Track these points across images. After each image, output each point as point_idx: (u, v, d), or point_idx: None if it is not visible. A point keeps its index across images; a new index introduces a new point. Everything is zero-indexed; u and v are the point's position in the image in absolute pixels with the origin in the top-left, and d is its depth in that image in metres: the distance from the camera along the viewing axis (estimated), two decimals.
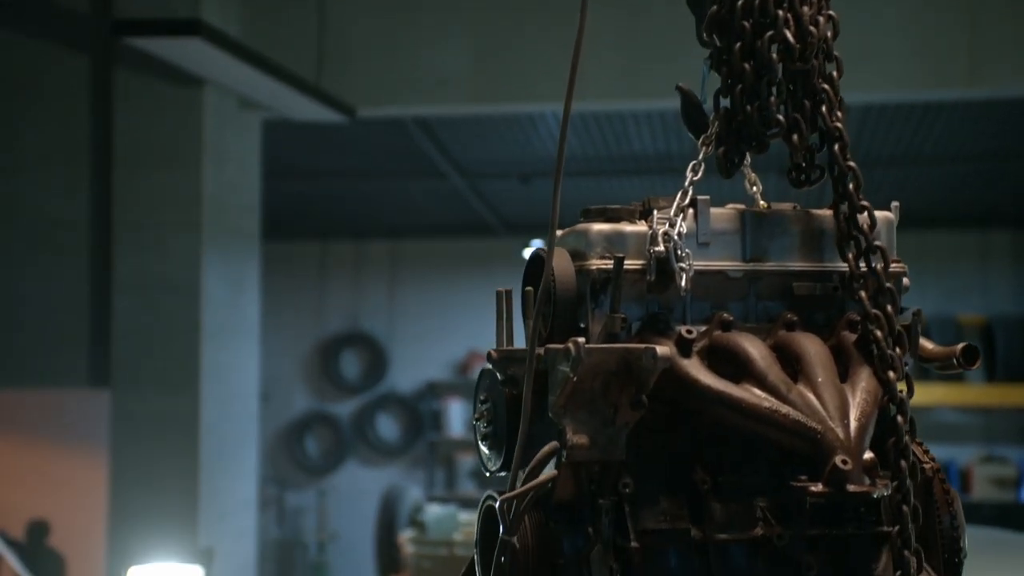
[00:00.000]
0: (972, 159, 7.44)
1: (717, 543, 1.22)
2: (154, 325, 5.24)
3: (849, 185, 1.22)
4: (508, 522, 1.17)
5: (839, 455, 1.14)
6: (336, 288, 11.29)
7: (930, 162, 7.31)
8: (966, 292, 9.35)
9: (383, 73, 5.64)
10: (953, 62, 5.12)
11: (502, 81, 5.69)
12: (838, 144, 1.22)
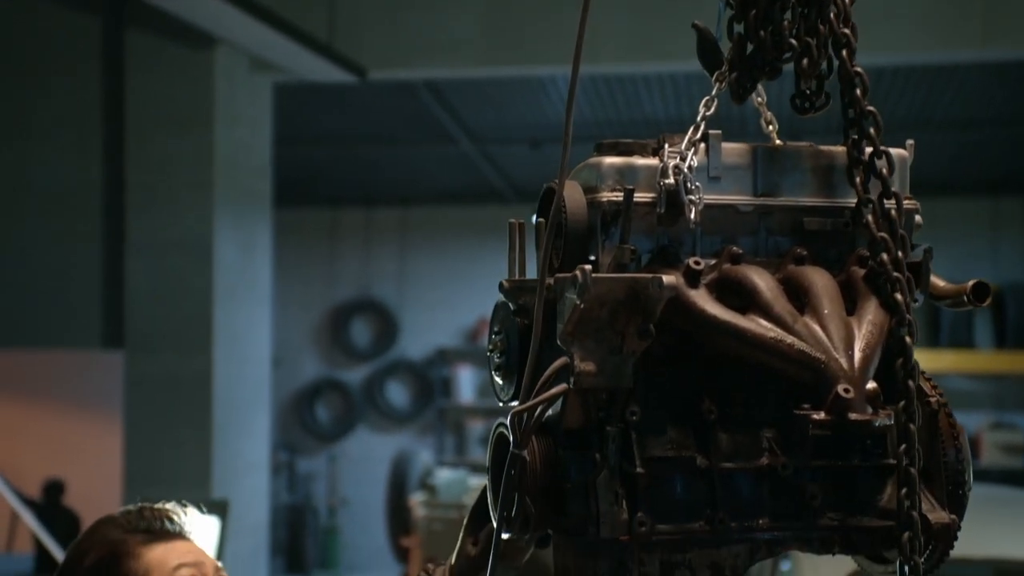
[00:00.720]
0: (984, 124, 7.40)
1: (722, 472, 1.24)
2: (167, 287, 5.28)
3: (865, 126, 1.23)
4: (518, 435, 1.18)
5: (842, 384, 1.15)
6: (346, 255, 11.31)
7: (941, 127, 7.27)
8: (976, 260, 9.33)
9: (394, 35, 5.63)
10: (966, 22, 5.08)
11: (513, 44, 5.68)
12: (858, 87, 1.23)
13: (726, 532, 1.23)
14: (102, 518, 1.54)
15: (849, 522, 1.25)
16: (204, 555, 1.53)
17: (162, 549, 1.50)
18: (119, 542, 1.49)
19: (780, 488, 1.25)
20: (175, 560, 1.49)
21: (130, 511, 1.53)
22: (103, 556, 1.48)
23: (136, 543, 1.49)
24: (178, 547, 1.51)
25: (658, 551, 1.23)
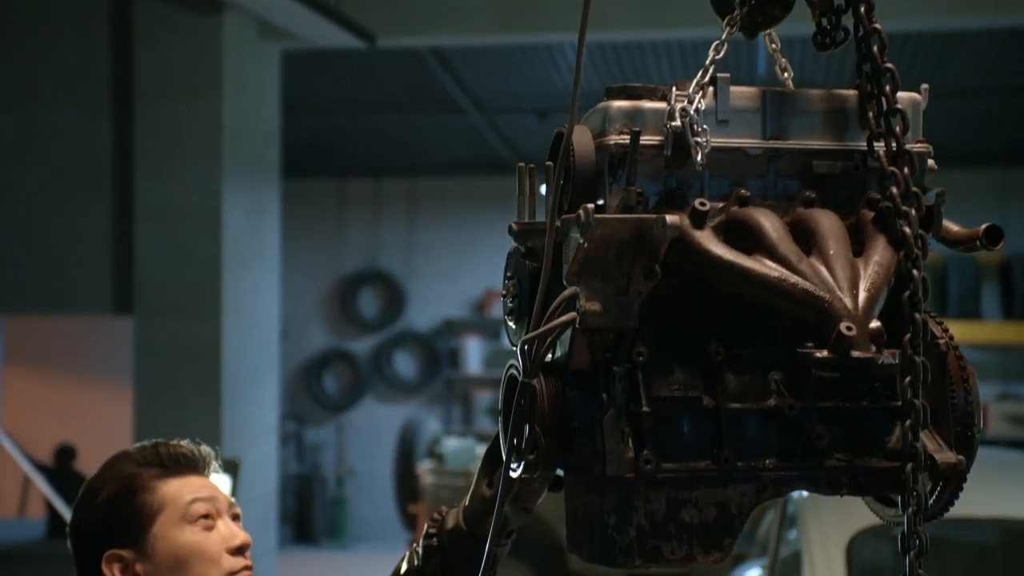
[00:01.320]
0: (993, 93, 7.36)
1: (729, 412, 1.25)
2: (175, 253, 5.30)
3: (873, 47, 1.23)
4: (528, 364, 1.19)
5: (845, 322, 1.15)
6: (354, 226, 11.32)
7: (950, 96, 7.23)
8: None
9: (403, 1, 5.62)
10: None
11: (521, 11, 5.66)
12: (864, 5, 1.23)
13: (732, 471, 1.24)
14: (117, 454, 1.56)
15: (856, 463, 1.26)
16: (218, 491, 1.54)
17: (177, 484, 1.51)
18: (134, 476, 1.50)
19: (787, 429, 1.26)
20: (189, 495, 1.50)
21: (145, 447, 1.55)
22: (118, 490, 1.49)
23: (151, 477, 1.50)
24: (192, 482, 1.52)
25: (664, 489, 1.24)
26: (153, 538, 1.47)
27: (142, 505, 1.48)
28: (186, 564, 1.46)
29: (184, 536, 1.48)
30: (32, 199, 5.55)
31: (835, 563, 3.23)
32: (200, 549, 1.47)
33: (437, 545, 1.53)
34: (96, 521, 1.49)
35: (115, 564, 1.47)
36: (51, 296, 5.57)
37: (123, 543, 1.47)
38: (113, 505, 1.48)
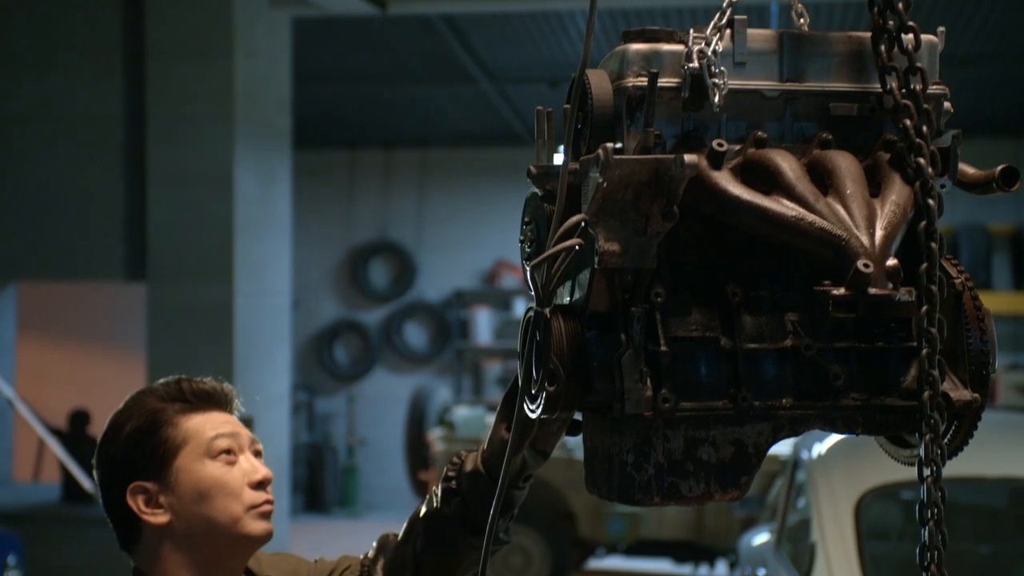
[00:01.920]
0: (1008, 59, 7.31)
1: (746, 352, 1.26)
2: (188, 219, 5.31)
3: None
4: (540, 291, 1.18)
5: (862, 260, 1.16)
6: (365, 197, 11.33)
7: (964, 63, 7.19)
8: (996, 201, 9.26)
9: None
10: None
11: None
12: None
13: (749, 410, 1.25)
14: (141, 389, 1.57)
15: (872, 402, 1.27)
16: (240, 426, 1.56)
17: (199, 419, 1.52)
18: (158, 411, 1.51)
19: (804, 369, 1.27)
20: (212, 430, 1.51)
21: (169, 382, 1.56)
22: (141, 424, 1.50)
23: (174, 412, 1.52)
24: (215, 418, 1.54)
25: (682, 428, 1.25)
26: (176, 471, 1.49)
27: (165, 439, 1.49)
28: (208, 497, 1.48)
29: (206, 470, 1.49)
30: (44, 164, 5.57)
31: (844, 522, 3.26)
32: (222, 482, 1.49)
33: (456, 487, 1.55)
34: (120, 454, 1.50)
35: (139, 496, 1.48)
36: (64, 262, 5.60)
37: (147, 476, 1.49)
38: (137, 439, 1.49)
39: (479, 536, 1.56)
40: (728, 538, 6.58)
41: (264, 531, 1.51)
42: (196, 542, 1.48)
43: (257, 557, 1.62)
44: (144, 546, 1.51)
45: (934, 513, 1.14)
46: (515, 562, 7.01)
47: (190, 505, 1.48)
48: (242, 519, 1.49)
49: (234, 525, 1.48)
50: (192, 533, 1.48)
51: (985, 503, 3.81)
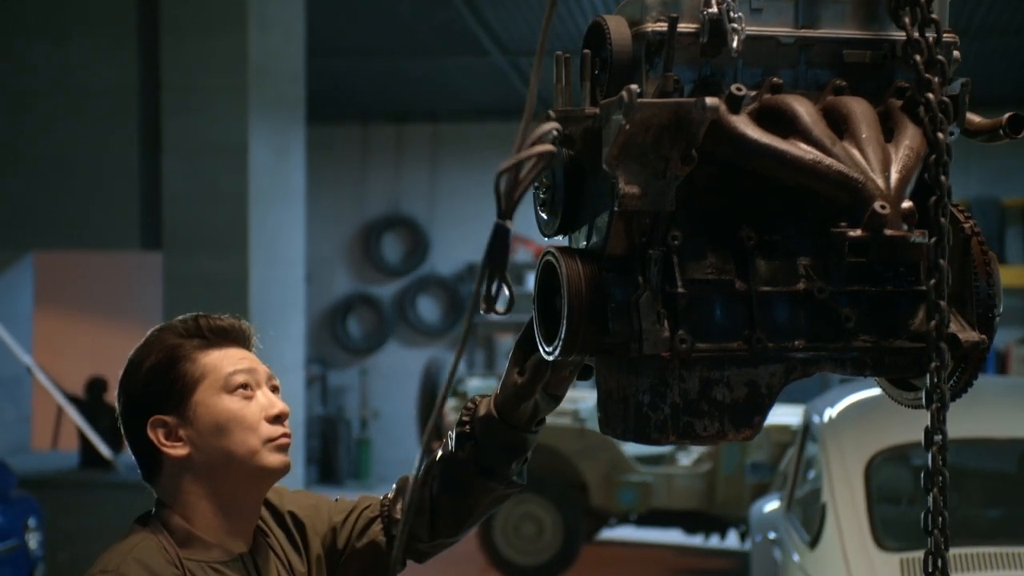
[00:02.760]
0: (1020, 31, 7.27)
1: (760, 295, 1.28)
2: (203, 189, 5.35)
3: None
4: (502, 201, 1.13)
5: (878, 201, 1.18)
6: (377, 171, 11.35)
7: (977, 35, 7.15)
8: (1010, 175, 9.24)
9: None
10: None
11: None
12: None
13: (763, 352, 1.28)
14: (160, 326, 1.59)
15: (881, 344, 1.30)
16: (257, 362, 1.58)
17: (217, 355, 1.54)
18: (176, 346, 1.53)
19: (816, 311, 1.29)
20: (230, 366, 1.53)
21: (187, 319, 1.58)
22: (161, 360, 1.52)
23: (192, 348, 1.53)
24: (232, 354, 1.56)
25: (697, 368, 1.28)
26: (195, 405, 1.51)
27: (184, 374, 1.51)
28: (226, 430, 1.51)
29: (224, 404, 1.51)
30: (61, 135, 5.60)
31: (854, 484, 3.29)
32: (240, 416, 1.51)
33: (469, 432, 1.58)
34: (140, 389, 1.52)
35: (159, 429, 1.51)
36: (80, 232, 5.64)
37: (167, 409, 1.51)
38: (156, 374, 1.52)
39: (493, 479, 1.59)
40: (739, 508, 6.62)
41: (281, 463, 1.54)
42: (215, 474, 1.51)
43: (279, 492, 1.65)
44: (165, 478, 1.54)
45: (939, 440, 1.16)
46: (527, 531, 7.06)
47: (209, 438, 1.51)
48: (260, 452, 1.51)
49: (252, 458, 1.51)
50: (211, 465, 1.51)
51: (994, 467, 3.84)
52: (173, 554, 1.47)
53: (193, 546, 1.50)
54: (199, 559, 1.49)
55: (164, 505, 1.54)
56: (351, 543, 1.66)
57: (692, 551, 7.85)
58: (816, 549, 3.37)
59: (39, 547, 4.66)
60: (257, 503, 1.57)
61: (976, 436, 3.39)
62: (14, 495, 4.70)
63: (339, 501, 1.73)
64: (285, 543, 1.61)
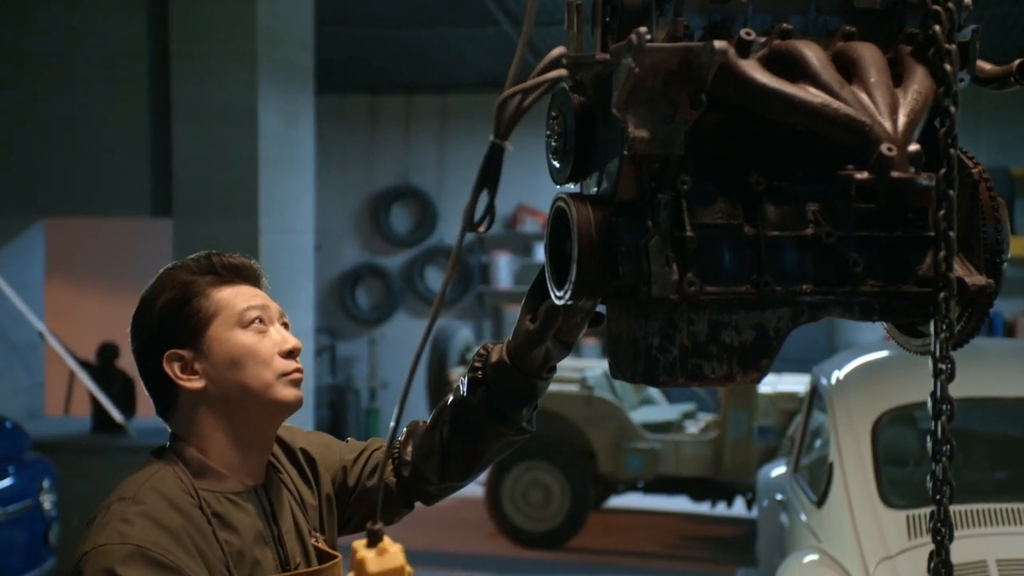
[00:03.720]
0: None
1: (769, 239, 1.29)
2: (212, 155, 5.36)
3: None
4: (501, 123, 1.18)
5: (885, 144, 1.19)
6: (386, 142, 11.34)
7: (989, 2, 7.11)
8: (1020, 144, 9.20)
9: None
10: None
11: None
12: None
13: (771, 295, 1.29)
14: (172, 264, 1.61)
15: (889, 289, 1.31)
16: (269, 300, 1.60)
17: (230, 291, 1.56)
18: (189, 283, 1.55)
19: (824, 256, 1.31)
20: (243, 302, 1.55)
21: (198, 257, 1.60)
22: (174, 296, 1.54)
23: (205, 284, 1.55)
24: (245, 291, 1.58)
25: (706, 311, 1.29)
26: (209, 339, 1.53)
27: (198, 309, 1.53)
28: (241, 364, 1.53)
29: (238, 338, 1.53)
30: (70, 102, 5.61)
31: (861, 443, 3.31)
32: (254, 350, 1.53)
33: (482, 377, 1.61)
34: (155, 325, 1.54)
35: (175, 363, 1.53)
36: (91, 199, 5.67)
37: (181, 344, 1.53)
38: (171, 310, 1.54)
39: (504, 424, 1.62)
40: (746, 475, 6.65)
41: (294, 397, 1.56)
42: (230, 407, 1.54)
43: (291, 430, 1.68)
44: (180, 411, 1.56)
45: (945, 369, 1.18)
46: (536, 498, 7.11)
47: (223, 371, 1.53)
48: (273, 385, 1.54)
49: (266, 391, 1.53)
50: (226, 398, 1.53)
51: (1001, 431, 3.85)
52: (188, 484, 1.50)
53: (207, 477, 1.52)
54: (213, 489, 1.52)
55: (179, 438, 1.56)
56: (361, 482, 1.69)
57: (699, 518, 7.90)
58: (823, 508, 3.40)
59: (53, 508, 4.71)
60: (270, 437, 1.60)
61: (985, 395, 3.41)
62: (28, 457, 4.75)
63: (350, 442, 1.75)
64: (297, 478, 1.64)
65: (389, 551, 1.22)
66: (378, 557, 1.21)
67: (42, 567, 4.63)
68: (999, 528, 3.05)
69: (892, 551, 3.08)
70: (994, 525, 3.05)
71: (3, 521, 4.35)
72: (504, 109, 1.19)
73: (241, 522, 1.51)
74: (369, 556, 1.21)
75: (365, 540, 1.22)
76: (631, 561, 6.90)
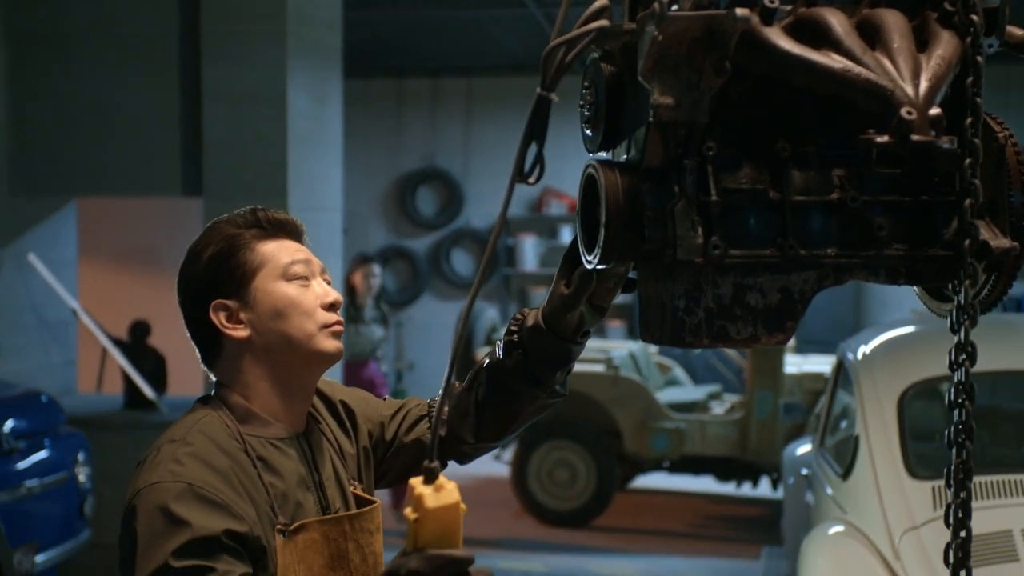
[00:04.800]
0: None
1: (794, 204, 1.32)
2: (242, 135, 5.41)
3: None
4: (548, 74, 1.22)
5: (905, 108, 1.21)
6: (412, 126, 11.38)
7: None
8: None
9: None
10: None
11: None
12: None
13: (795, 259, 1.31)
14: (217, 218, 1.65)
15: (915, 253, 1.33)
16: (311, 255, 1.65)
17: (274, 245, 1.60)
18: (235, 236, 1.60)
19: (849, 221, 1.33)
20: (287, 256, 1.60)
21: (244, 211, 1.64)
22: (221, 248, 1.59)
23: (251, 237, 1.60)
24: (288, 245, 1.62)
25: (731, 274, 1.32)
26: (255, 290, 1.58)
27: (244, 261, 1.58)
28: (284, 315, 1.57)
29: (283, 289, 1.58)
30: (102, 82, 5.67)
31: (887, 416, 3.32)
32: (297, 302, 1.58)
33: (517, 341, 1.64)
34: (202, 276, 1.59)
35: (221, 312, 1.58)
36: (123, 178, 5.73)
37: (228, 294, 1.58)
38: (218, 261, 1.58)
39: (538, 387, 1.65)
40: (772, 455, 6.67)
41: (336, 349, 1.61)
42: (274, 356, 1.58)
43: (331, 384, 1.73)
44: (225, 360, 1.61)
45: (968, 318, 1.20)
46: (561, 477, 7.15)
47: (268, 322, 1.57)
48: (316, 336, 1.58)
49: (308, 341, 1.58)
50: (270, 348, 1.58)
51: None
52: (234, 429, 1.55)
53: (252, 423, 1.57)
54: (257, 435, 1.56)
55: (223, 386, 1.61)
56: (399, 437, 1.73)
57: (724, 499, 7.92)
58: (848, 480, 3.41)
59: (88, 480, 4.79)
60: (311, 386, 1.64)
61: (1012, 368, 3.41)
62: (63, 430, 4.83)
63: (387, 400, 1.80)
64: (336, 429, 1.69)
65: (445, 488, 1.27)
66: (435, 493, 1.26)
67: (77, 538, 4.71)
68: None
69: (917, 521, 3.09)
70: (1019, 496, 3.06)
71: (39, 492, 4.43)
72: (550, 60, 1.23)
73: (284, 466, 1.56)
74: (427, 492, 1.25)
75: (422, 478, 1.27)
76: (656, 540, 6.94)
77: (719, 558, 6.52)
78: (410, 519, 1.26)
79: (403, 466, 1.73)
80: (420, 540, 1.27)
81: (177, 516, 1.42)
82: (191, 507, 1.43)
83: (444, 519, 1.27)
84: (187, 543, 1.40)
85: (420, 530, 1.26)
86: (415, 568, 1.25)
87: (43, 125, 5.74)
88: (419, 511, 1.25)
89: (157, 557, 1.40)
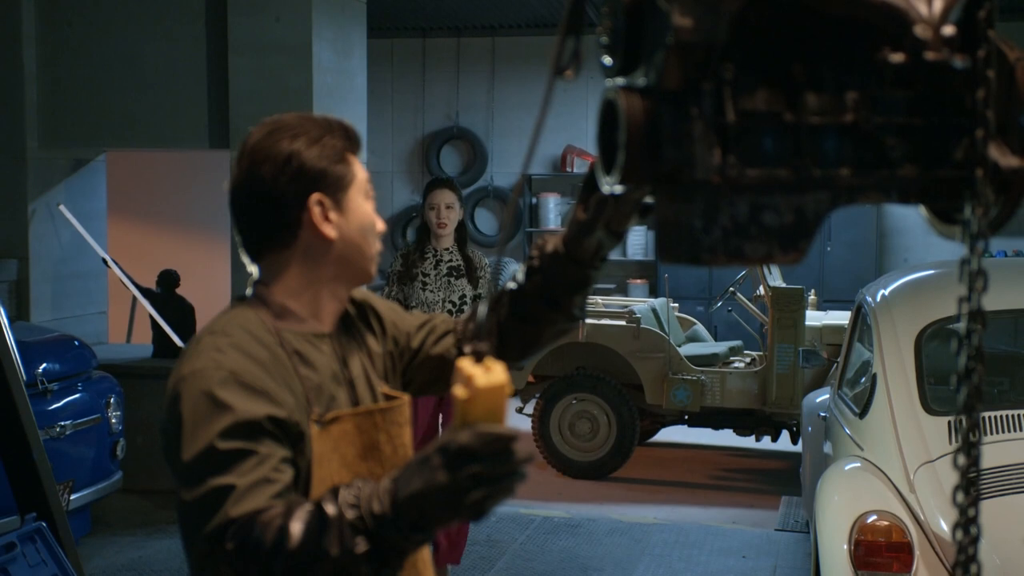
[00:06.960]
0: None
1: (809, 125, 1.36)
2: (267, 87, 5.45)
3: None
4: None
5: (919, 26, 1.24)
6: (436, 84, 11.38)
7: None
8: None
9: None
10: None
11: None
12: None
13: (810, 178, 1.36)
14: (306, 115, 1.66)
15: (926, 173, 1.37)
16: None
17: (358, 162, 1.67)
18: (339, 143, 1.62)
19: (862, 143, 1.36)
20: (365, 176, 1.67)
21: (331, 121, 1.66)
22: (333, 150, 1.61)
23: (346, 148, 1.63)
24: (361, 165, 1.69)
25: (747, 194, 1.36)
26: (348, 200, 1.62)
27: (345, 172, 1.62)
28: (366, 232, 1.65)
29: (367, 207, 1.65)
30: (130, 36, 5.72)
31: (905, 354, 3.35)
32: (373, 222, 1.66)
33: (538, 266, 1.70)
34: (315, 163, 1.59)
35: (317, 206, 1.59)
36: (151, 131, 5.79)
37: (330, 192, 1.60)
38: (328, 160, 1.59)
39: (557, 311, 1.71)
40: (792, 408, 6.71)
41: (375, 274, 1.68)
42: (339, 264, 1.63)
43: (363, 291, 1.80)
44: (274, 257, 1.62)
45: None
46: (582, 429, 7.23)
47: (354, 233, 1.63)
48: (374, 259, 1.67)
49: (371, 261, 1.66)
50: (343, 257, 1.63)
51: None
52: (270, 324, 1.60)
53: (288, 319, 1.63)
54: (294, 330, 1.62)
55: (264, 283, 1.64)
56: (425, 348, 1.79)
57: (744, 452, 7.98)
58: (865, 418, 3.45)
59: (119, 423, 4.89)
60: (347, 294, 1.70)
61: None
62: (95, 375, 4.93)
63: (415, 312, 1.86)
64: (365, 331, 1.75)
65: (493, 368, 1.31)
66: (485, 373, 1.30)
67: (110, 479, 4.82)
68: None
69: (933, 455, 3.13)
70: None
71: (72, 433, 4.53)
72: None
73: (318, 360, 1.61)
74: (477, 372, 1.30)
75: (471, 359, 1.31)
76: (676, 491, 7.01)
77: (738, 508, 6.59)
78: (460, 398, 1.31)
79: (426, 379, 1.80)
80: (469, 417, 1.32)
81: (221, 400, 1.46)
82: (234, 392, 1.47)
83: (492, 398, 1.31)
84: (231, 426, 1.44)
85: (469, 408, 1.31)
86: (464, 442, 1.30)
87: (72, 79, 5.81)
88: (469, 389, 1.30)
89: (202, 439, 1.44)
